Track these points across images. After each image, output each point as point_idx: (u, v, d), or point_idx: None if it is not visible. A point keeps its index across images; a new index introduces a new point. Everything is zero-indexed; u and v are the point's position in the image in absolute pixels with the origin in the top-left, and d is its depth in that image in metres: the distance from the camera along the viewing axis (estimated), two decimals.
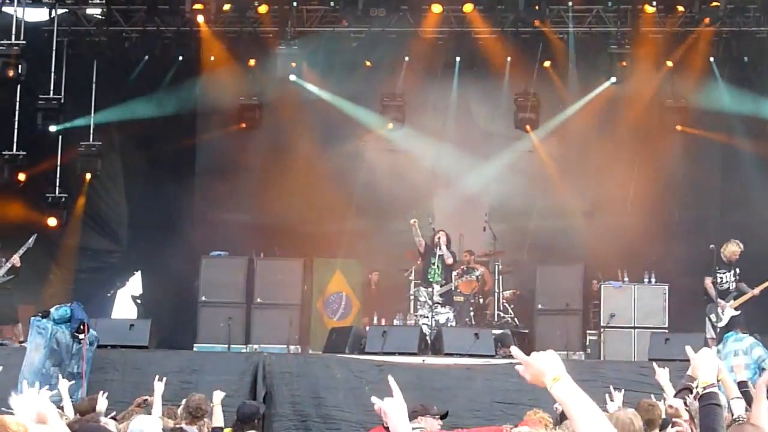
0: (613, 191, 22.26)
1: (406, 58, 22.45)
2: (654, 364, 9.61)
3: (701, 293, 18.92)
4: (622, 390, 10.00)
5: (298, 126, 23.11)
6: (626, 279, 19.80)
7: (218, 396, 11.63)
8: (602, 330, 19.45)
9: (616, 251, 20.93)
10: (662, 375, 9.66)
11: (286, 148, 23.07)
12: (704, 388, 5.98)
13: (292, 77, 22.19)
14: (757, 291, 18.08)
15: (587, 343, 19.85)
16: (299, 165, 22.85)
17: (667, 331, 18.76)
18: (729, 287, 18.30)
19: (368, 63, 22.73)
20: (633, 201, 21.96)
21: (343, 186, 22.92)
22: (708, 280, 18.28)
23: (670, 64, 22.18)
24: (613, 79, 21.79)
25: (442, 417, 9.83)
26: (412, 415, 9.63)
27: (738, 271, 18.29)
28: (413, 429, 9.27)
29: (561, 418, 8.73)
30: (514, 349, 4.49)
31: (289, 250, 21.83)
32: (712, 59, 22.15)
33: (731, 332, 16.86)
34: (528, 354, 4.41)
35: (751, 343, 15.94)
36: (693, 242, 20.51)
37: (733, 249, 18.32)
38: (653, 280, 19.73)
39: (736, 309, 18.14)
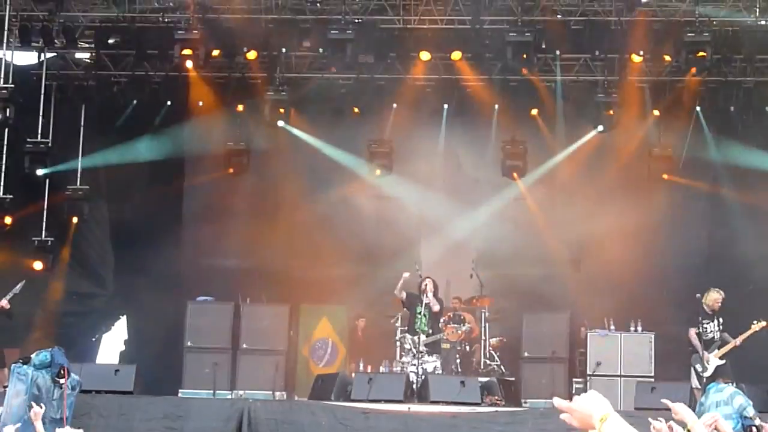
0: (599, 239, 22.28)
1: (394, 105, 22.54)
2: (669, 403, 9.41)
3: (688, 343, 18.92)
4: None
5: (285, 171, 23.15)
6: (612, 327, 19.80)
7: None
8: (588, 378, 19.42)
9: (602, 299, 20.95)
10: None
11: (274, 193, 23.10)
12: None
13: (280, 123, 22.22)
14: (738, 341, 18.07)
15: (573, 391, 19.78)
16: (287, 210, 22.87)
17: (653, 379, 18.76)
18: (714, 337, 18.28)
19: (356, 110, 22.78)
20: (620, 249, 21.95)
21: (330, 232, 22.92)
22: (692, 331, 18.27)
23: (656, 113, 22.32)
24: (600, 128, 21.83)
25: None
26: None
27: (721, 320, 18.30)
28: None
29: None
30: (557, 400, 4.38)
31: (275, 296, 21.79)
32: (698, 109, 22.28)
33: (713, 383, 16.81)
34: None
35: (732, 392, 15.82)
36: (680, 291, 20.52)
37: (714, 297, 18.35)
38: (639, 328, 19.73)
39: (720, 358, 18.14)
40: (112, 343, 24.33)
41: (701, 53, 20.34)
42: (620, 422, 4.13)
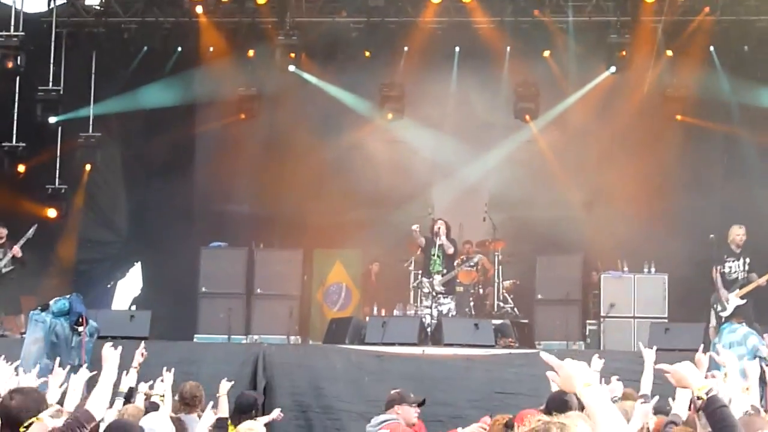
0: (612, 181, 22.21)
1: (406, 49, 22.43)
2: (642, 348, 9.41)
3: (701, 283, 18.91)
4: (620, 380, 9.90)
5: (297, 116, 23.11)
6: (626, 269, 19.79)
7: (225, 386, 11.59)
8: (602, 320, 19.44)
9: (615, 241, 20.92)
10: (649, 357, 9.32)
11: (286, 138, 23.06)
12: (705, 394, 5.89)
13: (291, 68, 22.13)
14: (763, 280, 17.91)
15: (587, 333, 19.85)
16: (298, 156, 22.84)
17: (667, 320, 18.77)
18: (738, 276, 18.16)
19: (367, 53, 22.69)
20: (633, 191, 21.90)
21: (342, 176, 22.89)
22: (716, 269, 18.17)
23: (669, 53, 22.16)
24: (613, 69, 21.70)
25: (419, 405, 9.74)
26: (389, 405, 9.62)
27: (748, 260, 18.15)
28: (385, 421, 9.28)
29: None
30: (544, 355, 4.64)
31: (288, 241, 21.85)
32: (711, 48, 22.12)
33: (726, 324, 16.80)
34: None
35: (745, 333, 15.87)
36: (693, 232, 20.46)
37: (735, 231, 18.24)
38: (653, 270, 19.70)
39: (742, 298, 18.02)
40: (127, 289, 24.44)
41: None
42: (601, 393, 4.41)
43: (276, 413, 12.64)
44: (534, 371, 15.88)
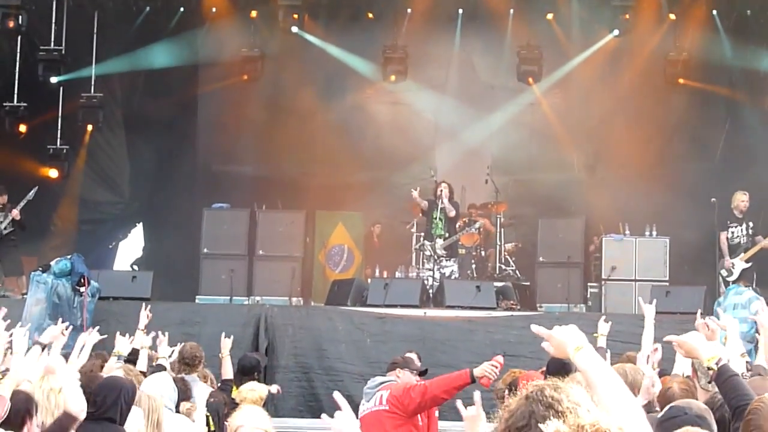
0: (615, 144, 22.22)
1: (408, 10, 22.34)
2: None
3: (702, 246, 18.98)
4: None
5: (299, 78, 23.06)
6: (627, 232, 19.80)
7: (227, 346, 11.63)
8: (603, 283, 19.48)
9: (617, 204, 20.95)
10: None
11: (288, 100, 23.02)
12: (716, 364, 5.90)
13: (294, 29, 22.06)
14: (766, 243, 17.96)
15: (588, 296, 19.90)
16: (301, 117, 22.82)
17: (668, 284, 18.82)
18: (740, 241, 18.19)
19: (370, 15, 22.65)
20: (635, 154, 21.90)
21: (345, 138, 22.88)
22: (722, 236, 18.21)
23: (672, 17, 22.09)
24: (616, 32, 21.65)
25: (421, 374, 9.71)
26: (392, 366, 9.62)
27: (751, 225, 18.18)
28: (384, 382, 9.26)
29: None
30: (535, 327, 4.71)
31: (291, 203, 21.84)
32: (714, 12, 22.05)
33: (733, 285, 16.86)
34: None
35: (750, 297, 15.89)
36: (695, 196, 20.49)
37: (739, 197, 18.26)
38: (654, 233, 19.74)
39: (747, 261, 18.07)
40: (129, 250, 24.46)
41: None
42: (593, 354, 4.39)
43: (275, 389, 12.70)
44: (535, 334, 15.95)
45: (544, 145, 22.93)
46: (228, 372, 11.48)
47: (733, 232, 18.20)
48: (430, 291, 18.47)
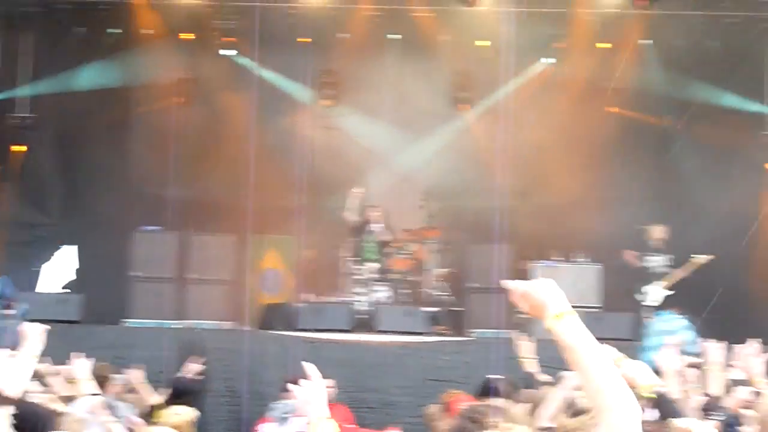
0: (547, 171, 22.35)
1: (343, 35, 22.38)
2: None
3: (635, 273, 19.22)
4: None
5: (233, 101, 22.97)
6: (560, 259, 19.93)
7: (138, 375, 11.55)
8: None
9: (549, 231, 21.07)
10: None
11: (221, 123, 22.93)
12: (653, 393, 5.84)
13: (228, 52, 22.03)
14: (683, 272, 18.30)
15: (520, 322, 19.95)
16: (234, 140, 22.67)
17: (601, 310, 18.95)
18: (661, 271, 18.55)
19: (305, 39, 22.64)
20: (567, 181, 22.05)
21: (278, 162, 22.78)
22: (629, 253, 18.55)
23: (605, 45, 22.32)
24: (550, 60, 21.87)
25: None
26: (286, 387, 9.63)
27: (672, 257, 18.55)
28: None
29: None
30: (508, 282, 4.10)
31: (223, 226, 21.71)
32: (647, 42, 22.32)
33: (664, 312, 17.03)
34: None
35: (680, 325, 16.08)
36: (627, 223, 20.67)
37: (656, 231, 18.64)
38: (587, 259, 19.87)
39: (669, 289, 18.33)
40: (57, 272, 24.18)
41: None
42: (579, 325, 3.89)
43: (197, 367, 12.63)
44: (466, 359, 16.02)
45: (476, 171, 23.00)
46: (149, 397, 11.36)
47: (653, 262, 18.52)
48: (362, 316, 18.45)
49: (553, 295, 3.95)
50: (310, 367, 4.40)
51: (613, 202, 22.25)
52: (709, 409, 7.87)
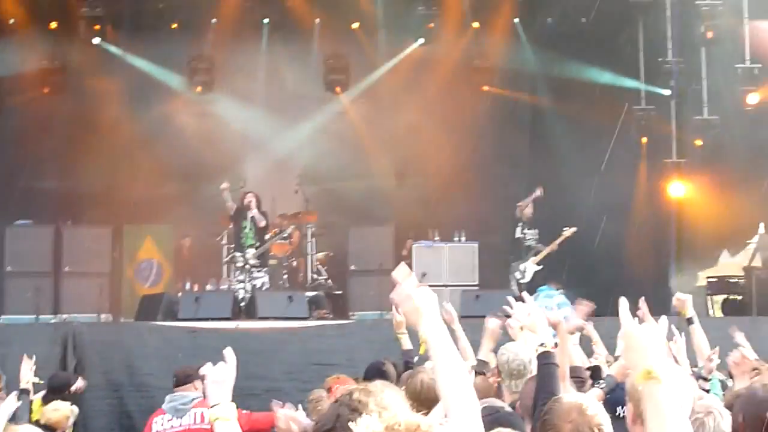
0: (423, 152, 22.45)
1: (214, 20, 22.20)
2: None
3: (510, 251, 19.43)
4: None
5: (103, 90, 22.59)
6: (437, 238, 20.06)
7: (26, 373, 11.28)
8: None
9: (427, 211, 21.20)
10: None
11: (92, 113, 22.51)
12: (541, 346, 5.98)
13: (96, 40, 21.68)
14: (554, 246, 18.76)
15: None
16: (106, 130, 22.34)
17: (478, 288, 19.13)
18: (531, 244, 18.94)
19: (175, 25, 22.39)
20: (443, 161, 22.17)
21: (151, 151, 22.49)
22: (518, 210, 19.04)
23: (476, 25, 22.48)
24: (422, 41, 21.98)
25: None
26: (188, 379, 9.56)
27: (537, 231, 19.00)
28: (195, 398, 9.17)
29: None
30: (396, 273, 4.32)
31: (97, 218, 21.41)
32: (516, 20, 22.54)
33: (544, 287, 17.23)
34: None
35: (560, 302, 16.26)
36: (502, 201, 20.89)
37: (528, 210, 19.09)
38: (463, 238, 20.05)
39: (538, 264, 18.76)
40: None
41: None
42: (442, 328, 4.11)
43: (80, 383, 12.41)
44: (349, 341, 15.99)
45: (353, 154, 22.99)
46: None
47: (525, 234, 18.88)
48: (242, 303, 18.34)
49: (430, 303, 4.15)
50: (228, 352, 4.44)
51: (488, 180, 22.43)
52: (594, 377, 7.97)
